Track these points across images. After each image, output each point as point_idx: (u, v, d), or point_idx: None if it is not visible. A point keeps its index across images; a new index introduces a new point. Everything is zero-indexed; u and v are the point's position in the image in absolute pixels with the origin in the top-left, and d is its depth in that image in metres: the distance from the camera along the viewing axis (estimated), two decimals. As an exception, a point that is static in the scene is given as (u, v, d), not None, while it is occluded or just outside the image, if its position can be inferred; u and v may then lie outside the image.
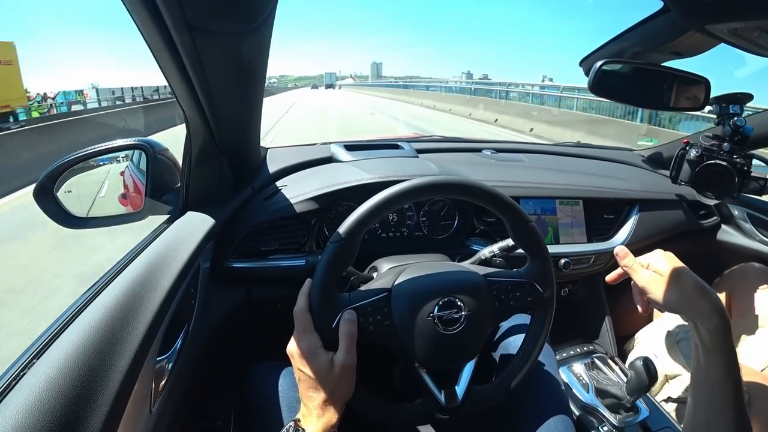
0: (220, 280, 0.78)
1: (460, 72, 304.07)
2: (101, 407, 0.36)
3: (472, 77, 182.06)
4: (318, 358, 0.51)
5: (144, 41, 0.46)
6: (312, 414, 0.50)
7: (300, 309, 0.53)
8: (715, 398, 0.50)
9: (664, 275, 0.54)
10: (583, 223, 1.01)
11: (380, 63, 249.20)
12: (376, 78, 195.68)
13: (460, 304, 0.56)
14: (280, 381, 0.64)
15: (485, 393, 0.60)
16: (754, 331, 0.92)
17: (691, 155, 0.99)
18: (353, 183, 0.83)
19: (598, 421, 0.76)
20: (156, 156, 0.71)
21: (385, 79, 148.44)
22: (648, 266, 0.57)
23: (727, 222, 1.17)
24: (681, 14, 0.57)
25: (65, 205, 0.65)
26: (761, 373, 0.84)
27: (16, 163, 5.65)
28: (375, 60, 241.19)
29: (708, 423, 0.51)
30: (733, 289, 1.05)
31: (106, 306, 0.45)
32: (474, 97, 13.97)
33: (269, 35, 0.49)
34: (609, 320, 1.08)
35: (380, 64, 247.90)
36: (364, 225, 0.54)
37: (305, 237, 0.84)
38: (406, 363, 0.58)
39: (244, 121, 0.70)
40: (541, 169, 1.10)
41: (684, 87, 0.92)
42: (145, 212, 0.71)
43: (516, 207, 0.60)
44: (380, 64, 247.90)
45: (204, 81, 0.51)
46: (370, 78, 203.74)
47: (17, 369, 0.37)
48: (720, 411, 0.50)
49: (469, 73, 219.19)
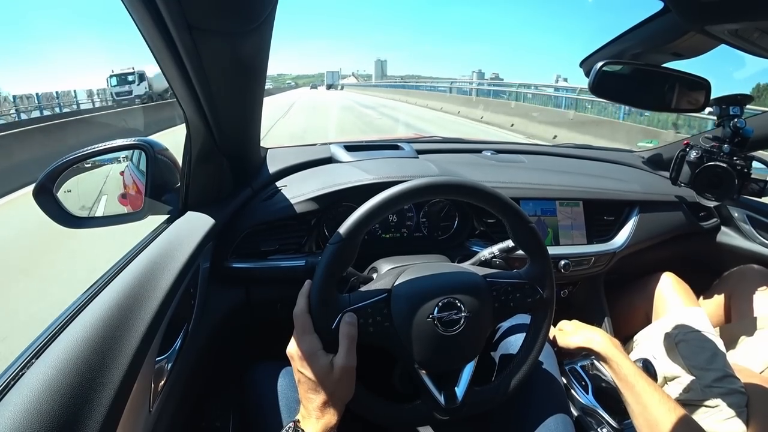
0: (220, 280, 0.78)
1: (470, 71, 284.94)
2: (100, 407, 0.36)
3: (483, 76, 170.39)
4: (318, 360, 0.50)
5: (144, 41, 0.46)
6: (311, 415, 0.50)
7: (300, 310, 0.53)
8: (636, 396, 0.64)
9: (562, 333, 0.78)
10: (583, 225, 1.01)
11: (385, 60, 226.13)
12: (381, 77, 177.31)
13: (460, 305, 0.56)
14: (279, 381, 0.64)
15: (485, 394, 0.59)
16: (753, 333, 0.92)
17: (691, 157, 0.99)
18: (353, 183, 0.83)
19: (597, 423, 0.76)
20: (156, 156, 0.71)
21: (390, 78, 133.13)
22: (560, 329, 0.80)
23: (727, 224, 1.17)
24: (681, 15, 0.57)
25: (65, 204, 0.65)
26: (760, 375, 0.84)
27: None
28: (379, 57, 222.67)
29: (641, 417, 0.63)
30: (732, 291, 1.05)
31: (105, 306, 0.45)
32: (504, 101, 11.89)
33: (269, 35, 0.49)
34: (608, 322, 1.08)
35: (385, 62, 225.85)
36: (364, 226, 0.54)
37: (305, 237, 0.84)
38: (405, 364, 0.58)
39: (244, 121, 0.70)
40: (541, 170, 1.10)
41: (684, 88, 0.91)
42: (144, 212, 0.71)
43: (516, 208, 0.60)
44: (385, 62, 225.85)
45: (204, 81, 0.51)
46: (374, 77, 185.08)
47: (16, 369, 0.37)
48: (644, 405, 0.63)
49: (481, 72, 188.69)
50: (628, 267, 1.09)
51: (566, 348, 0.76)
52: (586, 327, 0.77)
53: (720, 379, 0.79)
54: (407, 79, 43.29)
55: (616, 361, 0.68)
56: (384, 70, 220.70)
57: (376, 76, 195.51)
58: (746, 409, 0.75)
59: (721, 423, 0.76)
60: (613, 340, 0.72)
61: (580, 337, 0.74)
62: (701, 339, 0.87)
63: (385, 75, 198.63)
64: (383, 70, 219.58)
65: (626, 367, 0.66)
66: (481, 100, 13.10)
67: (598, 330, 0.75)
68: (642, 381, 0.64)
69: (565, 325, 0.81)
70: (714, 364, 0.82)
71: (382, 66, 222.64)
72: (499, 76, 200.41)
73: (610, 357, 0.69)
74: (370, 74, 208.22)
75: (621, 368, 0.67)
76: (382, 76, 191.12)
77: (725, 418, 0.76)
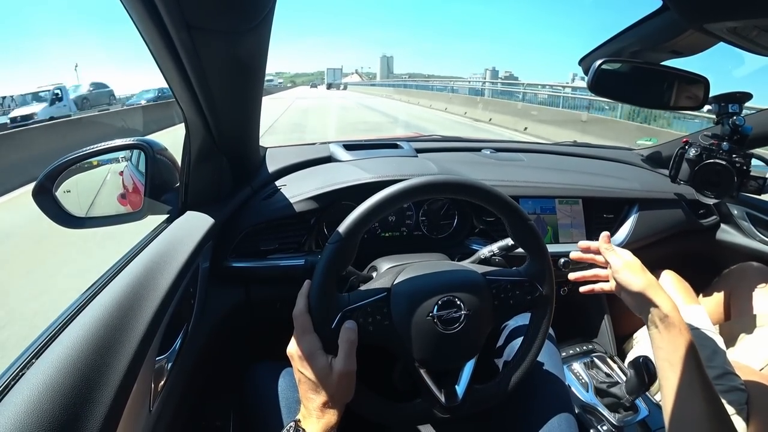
0: (220, 279, 0.78)
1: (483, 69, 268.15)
2: (100, 407, 0.36)
3: (497, 75, 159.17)
4: (318, 360, 0.50)
5: (142, 40, 0.46)
6: (312, 415, 0.50)
7: (299, 311, 0.53)
8: (683, 377, 0.54)
9: (635, 264, 0.63)
10: (582, 223, 1.01)
11: (391, 57, 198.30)
12: (387, 75, 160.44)
13: (460, 304, 0.56)
14: (279, 381, 0.64)
15: (486, 392, 0.60)
16: (753, 331, 0.92)
17: (690, 154, 0.99)
18: (352, 182, 0.83)
19: (598, 421, 0.76)
20: (155, 155, 0.71)
21: (397, 77, 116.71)
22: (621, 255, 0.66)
23: (727, 221, 1.17)
24: (680, 13, 0.57)
25: (64, 204, 0.65)
26: (760, 373, 0.84)
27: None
28: (385, 53, 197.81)
29: (680, 402, 0.54)
30: (732, 289, 1.05)
31: (105, 305, 0.45)
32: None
33: (268, 34, 0.49)
34: (608, 319, 1.08)
35: (391, 58, 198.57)
36: (363, 225, 0.54)
37: (305, 236, 0.84)
38: (405, 363, 0.58)
39: (244, 120, 0.70)
40: (541, 169, 1.10)
41: (683, 86, 0.92)
42: (144, 212, 0.71)
43: (515, 206, 0.60)
44: (391, 58, 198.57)
45: (203, 80, 0.51)
46: (379, 75, 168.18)
47: (16, 368, 0.37)
48: (688, 388, 0.54)
49: (495, 70, 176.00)
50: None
51: (622, 284, 0.62)
52: (656, 281, 0.61)
53: (720, 376, 0.79)
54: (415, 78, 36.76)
55: (681, 328, 0.55)
56: (390, 67, 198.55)
57: (381, 74, 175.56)
58: (746, 406, 0.75)
59: (721, 420, 0.76)
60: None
61: (650, 289, 0.59)
62: (701, 336, 0.87)
63: (391, 73, 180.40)
64: (389, 67, 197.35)
65: (686, 341, 0.55)
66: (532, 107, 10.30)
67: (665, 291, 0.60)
68: (696, 364, 0.54)
69: (627, 255, 0.64)
70: (714, 361, 0.82)
71: (389, 63, 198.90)
72: (512, 74, 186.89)
73: (673, 323, 0.55)
74: (375, 72, 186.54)
75: (682, 338, 0.54)
76: (388, 73, 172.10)
77: (725, 416, 0.76)
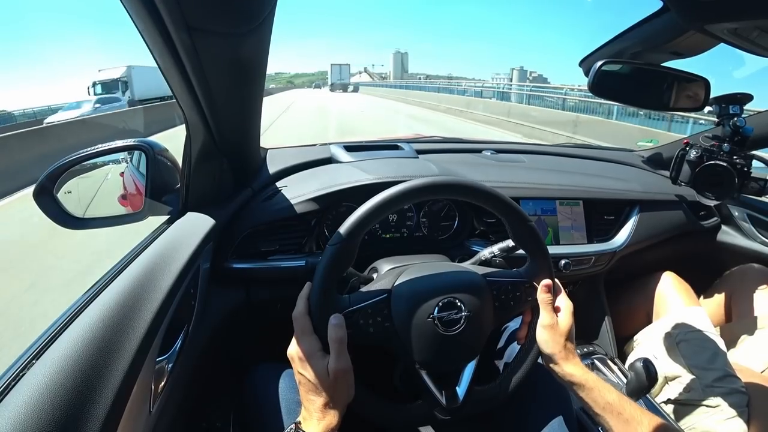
0: (220, 280, 0.78)
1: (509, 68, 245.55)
2: (100, 408, 0.36)
3: (526, 75, 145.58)
4: (318, 361, 0.50)
5: (143, 41, 0.46)
6: (313, 417, 0.49)
7: (299, 312, 0.53)
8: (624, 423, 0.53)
9: (563, 327, 0.59)
10: (583, 224, 1.01)
11: (405, 53, 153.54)
12: (401, 75, 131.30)
13: (460, 305, 0.56)
14: (280, 383, 0.64)
15: (486, 393, 0.59)
16: (754, 333, 0.92)
17: (691, 156, 0.99)
18: (353, 184, 0.83)
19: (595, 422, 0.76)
20: (156, 157, 0.71)
21: (412, 77, 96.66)
22: (557, 309, 0.60)
23: (727, 223, 1.17)
24: (681, 14, 0.57)
25: (65, 205, 0.65)
26: (761, 375, 0.84)
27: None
28: (399, 49, 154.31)
29: None
30: (732, 290, 1.05)
31: (105, 306, 0.45)
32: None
33: (269, 35, 0.49)
34: (609, 321, 1.08)
35: (406, 54, 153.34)
36: (364, 226, 0.54)
37: (305, 238, 0.84)
38: (406, 364, 0.58)
39: (244, 121, 0.70)
40: (541, 170, 1.10)
41: (684, 87, 0.92)
42: (145, 213, 0.71)
43: (516, 207, 0.60)
44: (406, 54, 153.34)
45: (203, 81, 0.51)
46: (392, 75, 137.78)
47: (17, 369, 0.37)
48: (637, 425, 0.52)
49: (523, 69, 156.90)
50: (629, 266, 1.09)
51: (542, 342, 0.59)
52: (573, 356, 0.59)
53: (721, 378, 0.79)
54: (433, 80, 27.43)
55: (598, 388, 0.56)
56: (405, 65, 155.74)
57: (395, 73, 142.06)
58: (747, 408, 0.75)
59: (722, 423, 0.76)
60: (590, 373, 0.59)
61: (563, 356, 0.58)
62: (702, 338, 0.87)
63: (405, 71, 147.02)
64: (404, 65, 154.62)
65: (609, 393, 0.55)
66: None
67: (578, 363, 0.59)
68: (629, 406, 0.54)
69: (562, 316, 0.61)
70: (715, 363, 0.82)
71: (402, 60, 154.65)
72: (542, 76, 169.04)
73: (590, 386, 0.56)
74: (386, 72, 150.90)
75: (604, 396, 0.55)
76: (402, 73, 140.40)
77: (726, 418, 0.76)
